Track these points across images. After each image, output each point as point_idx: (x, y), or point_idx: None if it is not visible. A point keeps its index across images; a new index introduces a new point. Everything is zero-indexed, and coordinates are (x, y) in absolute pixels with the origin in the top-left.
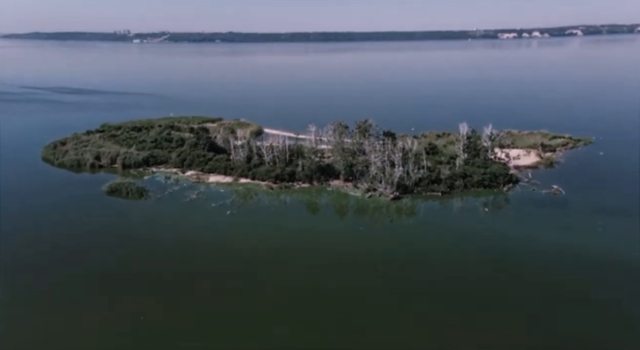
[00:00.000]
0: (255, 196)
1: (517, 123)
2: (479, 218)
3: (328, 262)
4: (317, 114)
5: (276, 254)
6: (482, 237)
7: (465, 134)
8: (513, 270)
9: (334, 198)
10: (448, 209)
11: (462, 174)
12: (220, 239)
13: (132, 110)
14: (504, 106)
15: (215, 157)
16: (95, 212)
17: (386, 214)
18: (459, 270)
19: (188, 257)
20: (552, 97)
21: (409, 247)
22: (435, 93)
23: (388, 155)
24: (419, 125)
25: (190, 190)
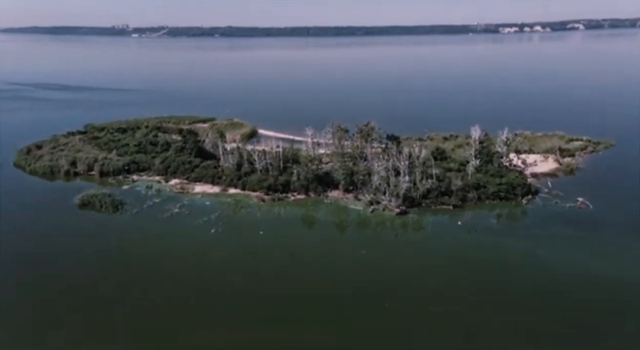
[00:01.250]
0: (244, 210)
1: (528, 123)
2: (499, 240)
3: (323, 301)
4: (315, 111)
5: (261, 289)
6: (508, 269)
7: (477, 139)
8: (551, 314)
9: (333, 212)
10: (462, 227)
11: (475, 184)
12: (197, 268)
13: (122, 108)
14: (511, 104)
15: (202, 164)
16: (61, 230)
17: (391, 232)
18: (483, 319)
19: (152, 291)
20: (561, 94)
21: (421, 280)
22: (438, 90)
23: (392, 163)
24: (423, 126)
25: (172, 202)
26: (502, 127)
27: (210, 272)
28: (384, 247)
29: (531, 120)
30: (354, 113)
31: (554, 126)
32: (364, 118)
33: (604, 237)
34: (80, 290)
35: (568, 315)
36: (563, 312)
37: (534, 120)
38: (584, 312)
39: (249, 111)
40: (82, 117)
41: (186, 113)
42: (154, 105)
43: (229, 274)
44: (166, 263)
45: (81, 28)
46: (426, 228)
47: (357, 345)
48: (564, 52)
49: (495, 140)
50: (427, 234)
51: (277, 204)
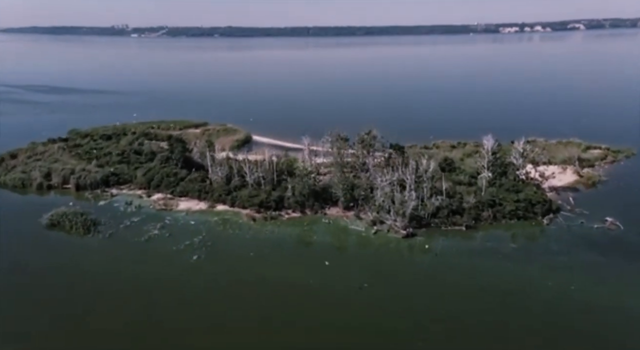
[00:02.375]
0: (232, 231)
1: (539, 127)
2: (521, 270)
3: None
4: (314, 114)
5: (240, 339)
6: (538, 307)
7: (490, 149)
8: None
9: (332, 234)
10: (478, 253)
11: (490, 201)
12: (168, 310)
13: (112, 112)
14: (518, 107)
15: (188, 177)
16: (21, 257)
17: (397, 259)
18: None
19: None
20: (568, 96)
21: (436, 323)
22: (440, 91)
23: (397, 177)
24: (428, 131)
25: (152, 221)
26: (512, 133)
27: (184, 314)
28: (389, 279)
29: (541, 125)
30: (353, 116)
31: (566, 131)
32: (365, 122)
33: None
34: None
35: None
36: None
37: (544, 124)
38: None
39: (244, 116)
40: (68, 122)
41: (178, 117)
42: (146, 109)
43: (202, 318)
44: (133, 302)
45: (80, 28)
46: (436, 254)
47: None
48: (567, 52)
49: (507, 148)
50: (437, 262)
51: (269, 224)
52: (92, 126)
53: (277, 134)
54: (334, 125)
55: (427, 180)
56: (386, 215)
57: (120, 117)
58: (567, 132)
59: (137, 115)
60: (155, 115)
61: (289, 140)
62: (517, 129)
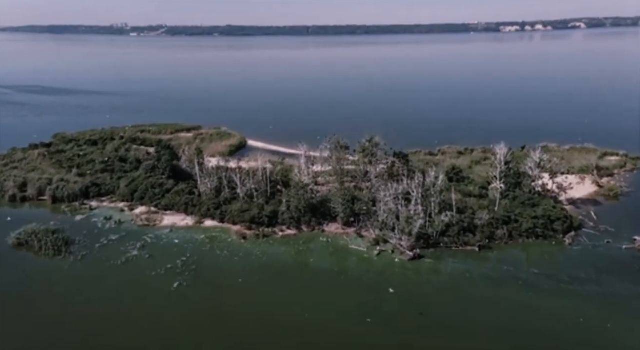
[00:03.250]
0: (220, 252)
1: (548, 130)
2: (547, 301)
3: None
4: (312, 116)
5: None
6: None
7: (503, 159)
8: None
9: (330, 255)
10: (494, 280)
11: (505, 218)
12: None
13: (103, 115)
14: (525, 108)
15: (175, 188)
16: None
17: (403, 290)
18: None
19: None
20: (575, 96)
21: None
22: (442, 91)
23: (403, 190)
24: (432, 135)
25: (133, 240)
26: (520, 137)
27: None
28: (395, 313)
29: (551, 127)
30: (352, 117)
31: (577, 133)
32: (364, 123)
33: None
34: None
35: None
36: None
37: (554, 126)
38: None
39: (240, 118)
40: (55, 125)
41: (172, 119)
42: (140, 110)
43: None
44: (96, 341)
45: (79, 27)
46: (447, 280)
47: None
48: (569, 51)
49: (518, 155)
50: (448, 290)
51: (261, 243)
52: (80, 130)
53: (274, 139)
54: (332, 127)
55: (435, 194)
56: (390, 233)
57: (112, 120)
58: (577, 133)
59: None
60: (148, 117)
61: (285, 145)
62: (525, 131)
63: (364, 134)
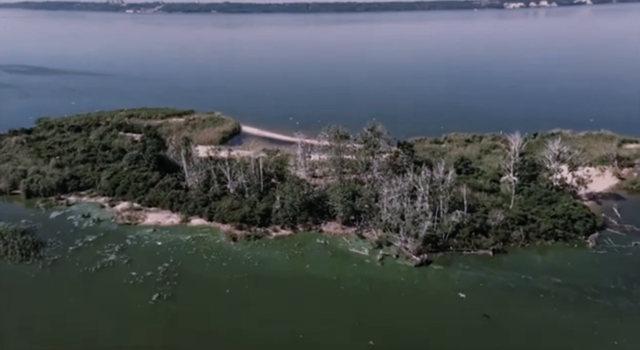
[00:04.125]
0: (206, 256)
1: (559, 115)
2: (575, 319)
3: None
4: (309, 101)
5: None
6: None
7: (517, 150)
8: None
9: (328, 260)
10: (512, 291)
11: (521, 218)
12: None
13: (93, 97)
14: (533, 90)
15: (160, 182)
16: None
17: (409, 300)
18: None
19: None
20: (585, 79)
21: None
22: (446, 76)
23: (408, 186)
24: (437, 121)
25: (111, 241)
26: (530, 122)
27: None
28: (400, 333)
29: (561, 112)
30: (352, 101)
31: (590, 120)
32: (365, 108)
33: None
34: None
35: None
36: None
37: (565, 111)
38: None
39: (237, 102)
40: (40, 108)
41: (163, 103)
42: (132, 93)
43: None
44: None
45: (75, 3)
46: (458, 290)
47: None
48: (577, 29)
49: (530, 142)
50: (459, 305)
51: (252, 245)
52: (66, 114)
53: (270, 124)
54: (330, 112)
55: (445, 191)
56: (394, 235)
57: (103, 103)
58: (589, 117)
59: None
60: (139, 100)
61: (281, 131)
62: (535, 117)
63: (365, 120)
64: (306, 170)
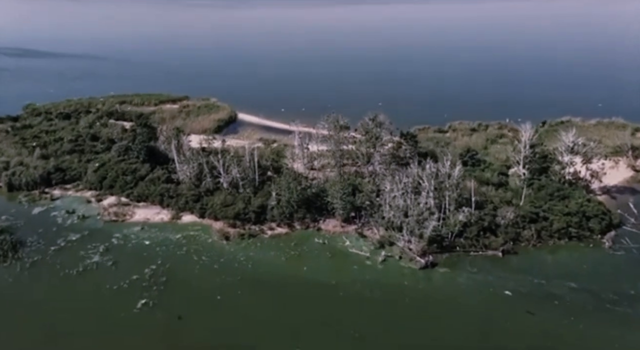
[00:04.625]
0: (197, 257)
1: (569, 104)
2: (596, 331)
3: None
4: (308, 87)
5: None
6: None
7: (528, 141)
8: None
9: (326, 261)
10: (525, 297)
11: (532, 215)
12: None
13: (87, 82)
14: (541, 80)
15: (150, 175)
16: None
17: (413, 308)
18: None
19: None
20: (596, 62)
21: None
22: (449, 62)
23: (413, 180)
24: (439, 110)
25: (96, 240)
26: (536, 109)
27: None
28: (404, 343)
29: (568, 98)
30: (352, 86)
31: (598, 102)
32: (367, 97)
33: None
34: None
35: None
36: None
37: (572, 97)
38: None
39: (233, 87)
40: (30, 94)
41: (158, 89)
42: (125, 78)
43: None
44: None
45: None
46: (466, 298)
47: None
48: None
49: (539, 131)
50: (468, 313)
51: (246, 244)
52: (56, 100)
53: (268, 112)
54: (330, 97)
55: (451, 187)
56: (397, 234)
57: (93, 89)
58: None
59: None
60: (133, 86)
61: (280, 119)
62: (542, 103)
63: (367, 105)
64: (304, 163)
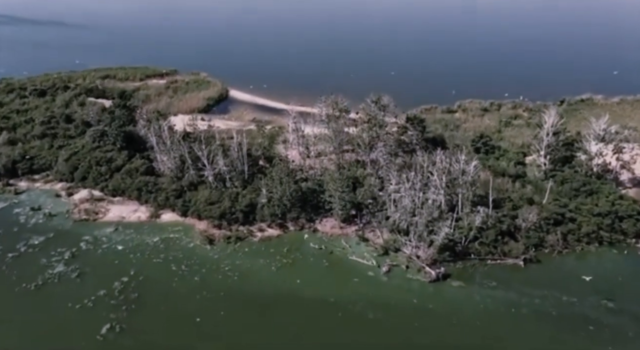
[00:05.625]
0: (176, 266)
1: (586, 78)
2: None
3: None
4: (305, 61)
5: None
6: None
7: (551, 129)
8: None
9: (323, 272)
10: (553, 321)
11: (557, 217)
12: None
13: (79, 53)
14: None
15: (127, 166)
16: None
17: (422, 332)
18: None
19: None
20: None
21: None
22: (458, 36)
23: (422, 178)
24: (447, 87)
25: (63, 245)
26: (555, 87)
27: None
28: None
29: (587, 74)
30: (353, 62)
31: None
32: (368, 73)
33: None
34: None
35: None
36: None
37: (590, 73)
38: None
39: (224, 61)
40: (5, 67)
41: (145, 62)
42: (111, 49)
43: None
44: None
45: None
46: (485, 321)
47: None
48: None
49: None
50: (490, 345)
51: (232, 250)
52: (35, 74)
53: (261, 88)
54: (331, 70)
55: (465, 185)
56: (403, 239)
57: (80, 61)
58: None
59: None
60: (118, 58)
61: (275, 97)
62: (558, 80)
63: (367, 86)
64: (300, 152)
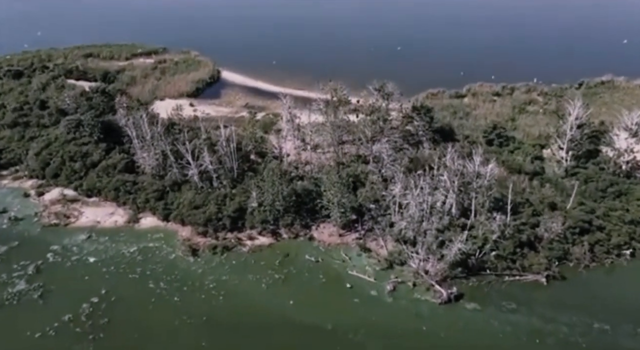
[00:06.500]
0: (154, 283)
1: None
2: None
3: None
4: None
5: None
6: None
7: (575, 121)
8: None
9: (319, 291)
10: None
11: (584, 225)
12: None
13: (51, 29)
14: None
15: (104, 162)
16: None
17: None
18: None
19: None
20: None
21: None
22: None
23: (432, 176)
24: (454, 67)
25: (27, 256)
26: (571, 69)
27: None
28: None
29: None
30: (354, 42)
31: None
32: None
33: None
34: None
35: None
36: None
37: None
38: None
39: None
40: None
41: (133, 39)
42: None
43: None
44: None
45: None
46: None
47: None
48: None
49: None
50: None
51: (218, 262)
52: (9, 52)
53: (256, 69)
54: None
55: (481, 191)
56: (410, 251)
57: (62, 38)
58: None
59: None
60: (101, 36)
61: (270, 80)
62: (571, 61)
63: (372, 65)
64: (295, 146)
